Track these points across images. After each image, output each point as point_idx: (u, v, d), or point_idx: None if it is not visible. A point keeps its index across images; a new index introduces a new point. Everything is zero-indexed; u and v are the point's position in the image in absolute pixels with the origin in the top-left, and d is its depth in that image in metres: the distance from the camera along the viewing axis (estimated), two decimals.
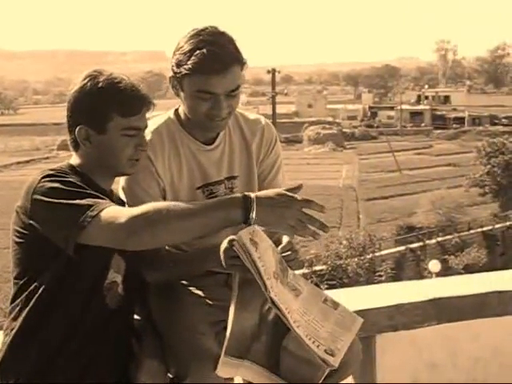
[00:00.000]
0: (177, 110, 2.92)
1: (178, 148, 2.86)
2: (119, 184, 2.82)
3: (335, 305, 2.63)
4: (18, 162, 73.12)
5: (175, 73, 2.72)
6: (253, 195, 2.35)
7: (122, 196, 2.80)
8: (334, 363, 2.44)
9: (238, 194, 2.38)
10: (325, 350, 2.44)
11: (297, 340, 2.42)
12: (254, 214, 2.33)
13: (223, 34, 2.69)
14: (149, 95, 2.66)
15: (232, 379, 2.89)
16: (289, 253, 2.63)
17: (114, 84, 2.57)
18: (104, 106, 2.55)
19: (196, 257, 2.75)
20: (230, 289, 2.53)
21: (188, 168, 2.87)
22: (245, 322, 2.45)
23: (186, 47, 2.65)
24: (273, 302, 2.36)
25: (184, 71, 2.65)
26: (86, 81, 2.57)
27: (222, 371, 2.42)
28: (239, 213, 2.34)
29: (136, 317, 2.86)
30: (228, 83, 2.66)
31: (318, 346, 2.43)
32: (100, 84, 2.56)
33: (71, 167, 2.63)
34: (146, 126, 2.66)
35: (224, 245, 2.45)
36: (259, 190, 3.02)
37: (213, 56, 2.60)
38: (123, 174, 2.72)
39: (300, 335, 2.40)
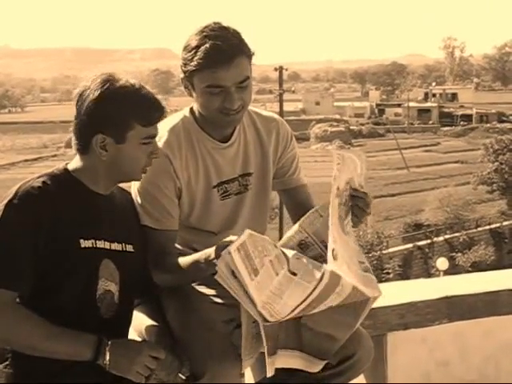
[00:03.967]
0: (192, 109, 2.91)
1: (194, 147, 2.85)
2: (132, 185, 2.79)
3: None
4: (26, 160, 73.19)
5: (184, 72, 2.73)
6: (108, 342, 2.44)
7: (137, 197, 2.78)
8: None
9: (92, 337, 2.44)
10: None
11: (312, 316, 2.49)
12: (107, 359, 2.42)
13: (226, 28, 2.70)
14: (163, 102, 2.63)
15: (243, 377, 2.89)
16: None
17: (135, 92, 2.53)
18: (126, 115, 2.50)
19: (198, 265, 2.72)
20: None
21: (204, 167, 2.86)
22: None
23: (191, 45, 2.67)
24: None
25: (191, 69, 2.66)
26: (104, 88, 2.50)
27: (272, 370, 2.46)
28: (89, 354, 2.42)
29: (150, 321, 2.83)
30: (235, 74, 2.66)
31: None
32: (121, 92, 2.50)
33: (65, 172, 2.59)
34: (157, 133, 2.63)
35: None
36: (281, 184, 3.09)
37: (216, 49, 2.61)
38: (132, 180, 2.71)
39: None
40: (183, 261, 2.70)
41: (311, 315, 2.50)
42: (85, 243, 2.52)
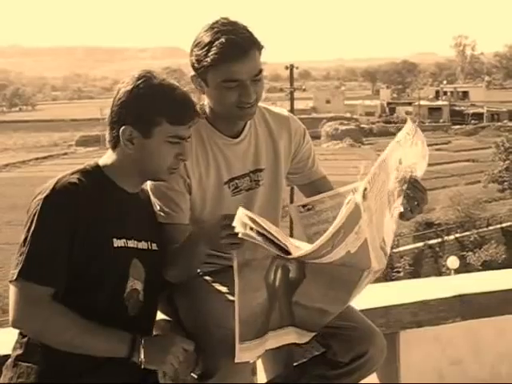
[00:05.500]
0: (202, 106, 2.89)
1: (204, 144, 2.85)
2: (148, 183, 2.78)
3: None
4: (37, 158, 73.55)
5: (197, 70, 2.72)
6: (141, 339, 2.46)
7: (151, 195, 2.77)
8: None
9: (127, 334, 2.45)
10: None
11: (305, 294, 2.50)
12: (142, 356, 2.43)
13: (235, 22, 2.70)
14: (197, 106, 2.64)
15: (255, 375, 2.88)
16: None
17: (168, 90, 2.54)
18: (155, 110, 2.51)
19: (188, 244, 2.70)
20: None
21: (215, 163, 2.85)
22: (253, 302, 2.44)
23: (203, 42, 2.66)
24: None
25: (206, 64, 2.65)
26: (139, 82, 2.52)
27: (241, 358, 2.44)
28: (124, 350, 2.43)
29: (164, 317, 2.86)
30: (251, 68, 2.66)
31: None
32: (154, 88, 2.52)
33: (97, 168, 2.60)
34: (189, 136, 2.62)
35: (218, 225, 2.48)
36: (303, 178, 3.12)
37: (231, 43, 2.61)
38: (159, 180, 2.69)
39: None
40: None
41: (303, 292, 2.50)
42: (117, 242, 2.53)
